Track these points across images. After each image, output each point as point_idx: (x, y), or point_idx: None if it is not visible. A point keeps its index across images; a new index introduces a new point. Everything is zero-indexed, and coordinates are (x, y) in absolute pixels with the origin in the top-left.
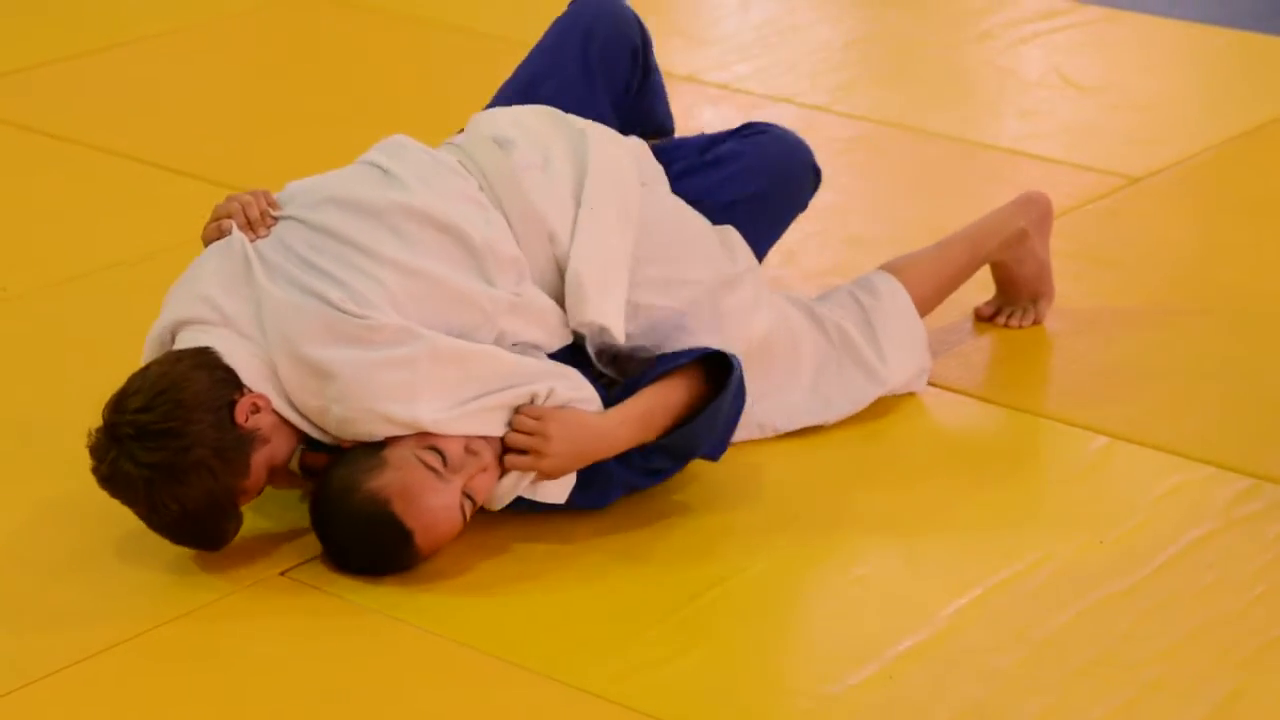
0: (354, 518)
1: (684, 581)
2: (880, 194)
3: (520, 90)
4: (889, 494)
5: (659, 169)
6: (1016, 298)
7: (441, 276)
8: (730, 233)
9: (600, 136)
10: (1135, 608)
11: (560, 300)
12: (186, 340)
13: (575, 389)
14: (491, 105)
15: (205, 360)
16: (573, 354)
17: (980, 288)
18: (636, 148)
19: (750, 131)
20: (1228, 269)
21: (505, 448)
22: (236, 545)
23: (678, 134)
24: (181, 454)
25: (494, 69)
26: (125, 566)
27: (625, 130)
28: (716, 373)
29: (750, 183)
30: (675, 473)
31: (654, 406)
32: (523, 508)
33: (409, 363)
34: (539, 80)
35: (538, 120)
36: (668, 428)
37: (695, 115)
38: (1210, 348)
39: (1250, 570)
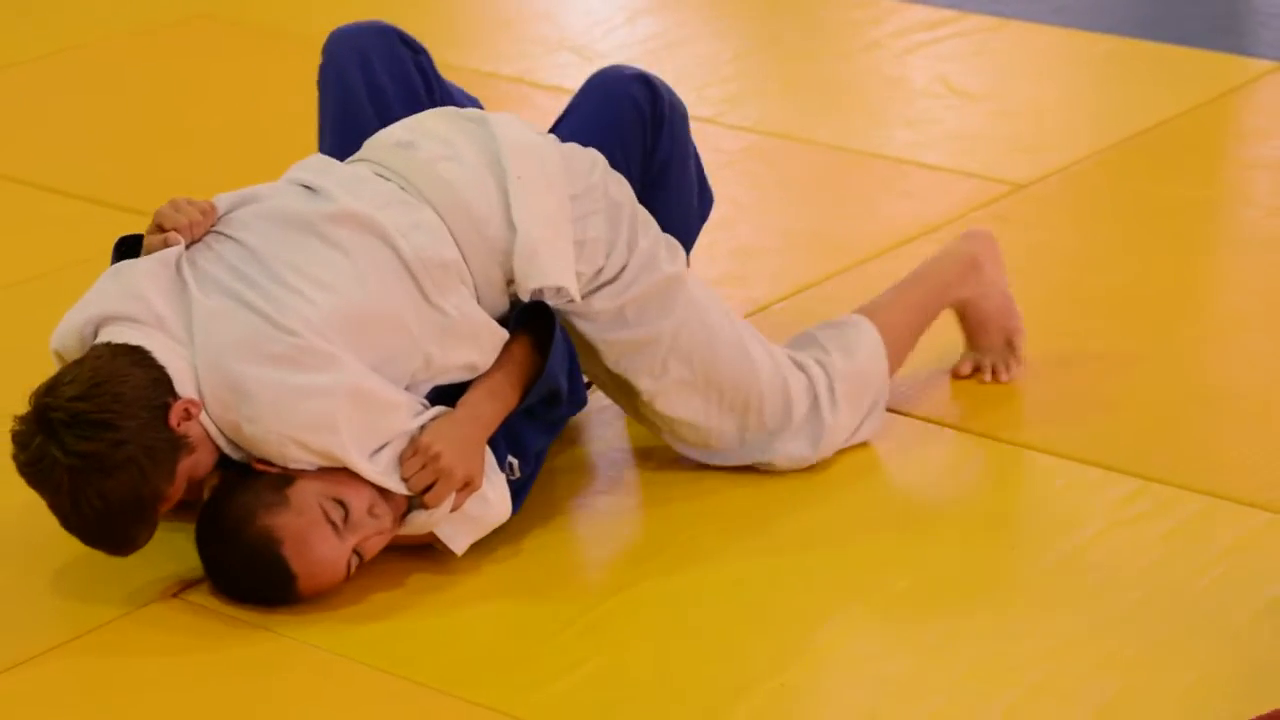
0: (243, 549)
1: (577, 597)
2: (769, 205)
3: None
4: (779, 505)
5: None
6: (989, 343)
7: (371, 296)
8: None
9: (500, 118)
10: (1021, 610)
11: (500, 288)
12: (113, 335)
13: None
14: None
15: (141, 358)
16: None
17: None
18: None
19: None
20: (1113, 273)
21: (409, 501)
22: (125, 566)
23: None
24: (114, 448)
25: None
26: (5, 589)
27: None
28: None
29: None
30: (561, 419)
31: (503, 373)
32: None
33: (328, 393)
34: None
35: (432, 119)
36: (525, 383)
37: None
38: (1096, 351)
39: (1135, 572)
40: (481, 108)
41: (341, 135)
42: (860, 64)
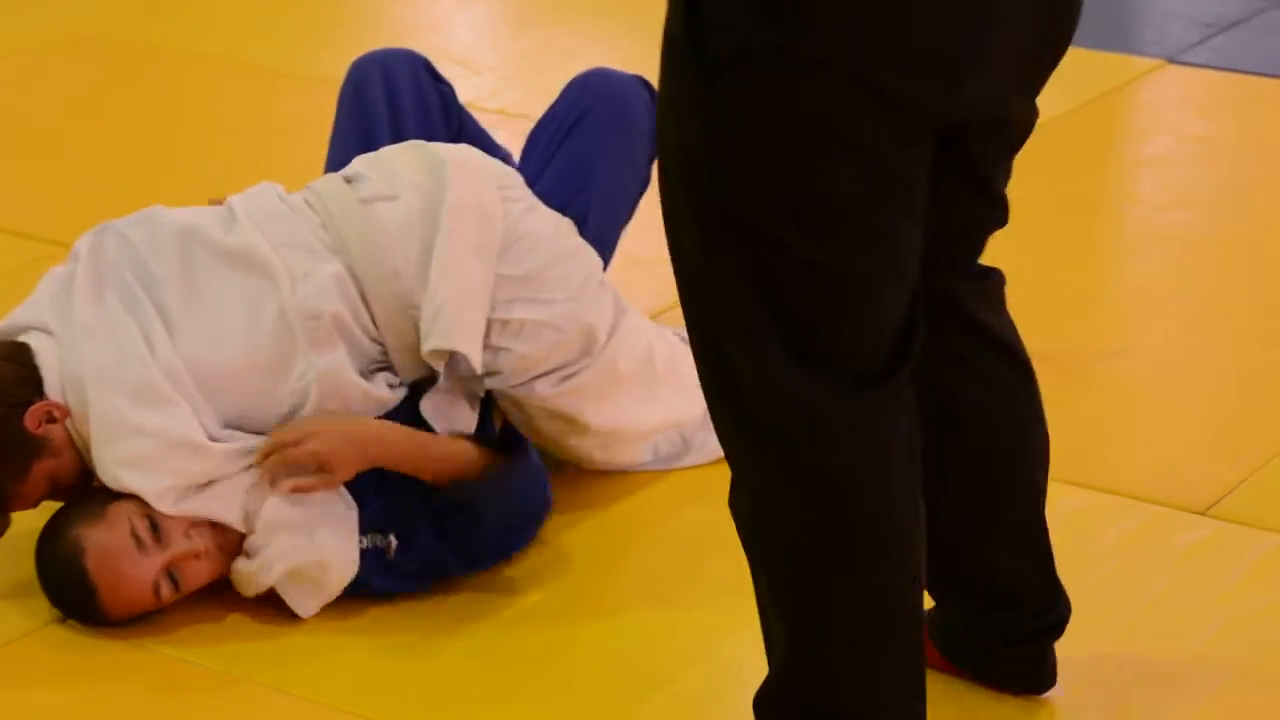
0: (52, 558)
1: (467, 613)
2: (659, 215)
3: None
4: (675, 513)
5: (525, 189)
6: None
7: (240, 339)
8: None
9: (462, 163)
10: None
11: (415, 348)
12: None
13: None
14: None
15: (16, 355)
16: None
17: None
18: (501, 171)
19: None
20: (1048, 268)
21: (242, 539)
22: (3, 596)
23: None
24: None
25: (289, 106)
26: None
27: None
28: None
29: (577, 106)
30: (469, 547)
31: (440, 443)
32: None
33: (156, 435)
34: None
35: (397, 154)
36: (451, 471)
37: None
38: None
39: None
40: (502, 152)
41: (353, 152)
42: None
